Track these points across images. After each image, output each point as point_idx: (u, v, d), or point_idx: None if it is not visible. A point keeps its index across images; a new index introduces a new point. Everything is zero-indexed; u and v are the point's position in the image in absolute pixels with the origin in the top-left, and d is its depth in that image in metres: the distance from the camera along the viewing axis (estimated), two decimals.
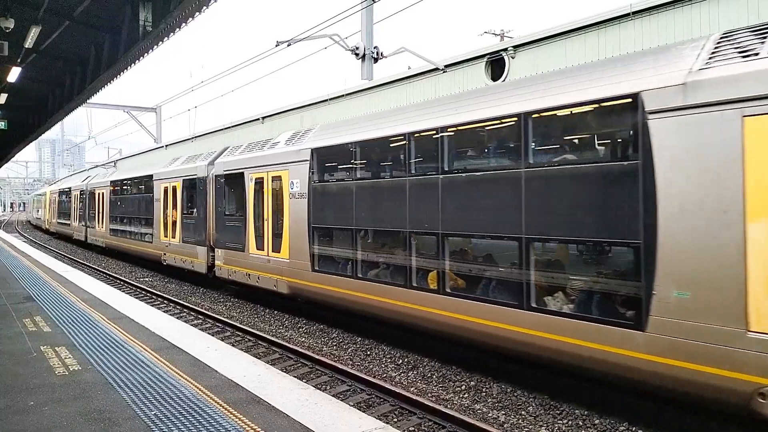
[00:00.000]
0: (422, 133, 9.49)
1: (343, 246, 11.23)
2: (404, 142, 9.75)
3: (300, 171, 12.29)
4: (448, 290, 8.88)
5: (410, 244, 9.54)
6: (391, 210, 10.00)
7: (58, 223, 40.72)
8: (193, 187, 17.91)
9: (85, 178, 34.78)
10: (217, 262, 16.08)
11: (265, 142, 14.62)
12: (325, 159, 11.98)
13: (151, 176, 21.48)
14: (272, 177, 13.41)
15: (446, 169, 8.98)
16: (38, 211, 55.90)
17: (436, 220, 9.00)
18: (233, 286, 16.71)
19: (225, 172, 15.57)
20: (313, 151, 12.01)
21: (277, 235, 13.16)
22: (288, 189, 12.71)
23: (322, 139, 12.08)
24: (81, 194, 32.80)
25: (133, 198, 23.72)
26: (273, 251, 13.31)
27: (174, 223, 19.15)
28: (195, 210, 17.67)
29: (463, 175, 8.84)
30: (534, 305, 7.55)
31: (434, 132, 9.15)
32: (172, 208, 19.30)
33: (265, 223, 13.64)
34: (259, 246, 13.90)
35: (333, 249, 11.75)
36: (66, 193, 38.02)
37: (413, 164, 9.66)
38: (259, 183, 13.97)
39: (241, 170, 14.77)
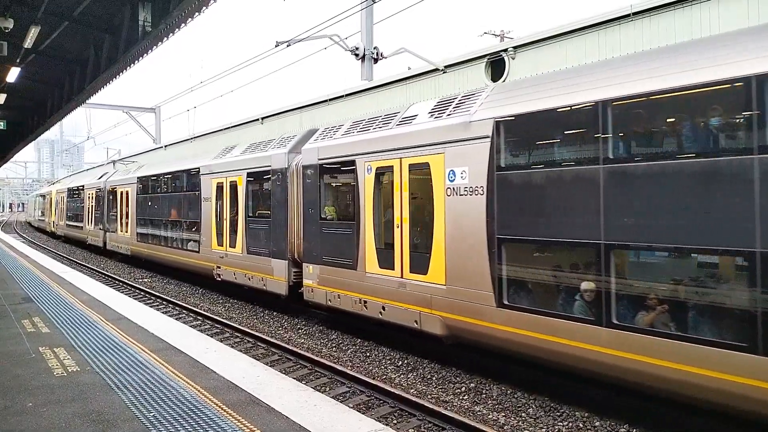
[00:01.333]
0: None
1: (574, 271, 7.41)
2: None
3: (468, 154, 8.49)
4: None
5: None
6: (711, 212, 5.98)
7: (68, 226, 36.62)
8: (263, 182, 14.22)
9: (102, 175, 30.21)
10: (306, 282, 12.20)
11: (388, 117, 10.77)
12: (529, 133, 8.11)
13: (197, 170, 17.55)
14: (410, 165, 9.67)
15: None
16: (41, 212, 52.07)
17: None
18: (321, 311, 13.04)
19: (321, 162, 11.81)
20: (500, 123, 8.05)
21: (420, 249, 9.54)
22: (442, 182, 8.91)
23: (519, 103, 7.99)
24: (97, 193, 28.80)
25: (170, 197, 19.88)
26: (412, 271, 9.55)
27: (233, 228, 15.35)
28: (268, 212, 13.88)
29: None
30: None
31: None
32: (230, 209, 15.50)
33: (397, 230, 9.89)
34: (385, 263, 10.15)
35: (550, 274, 7.91)
36: (77, 192, 34.03)
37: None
38: (383, 174, 10.34)
39: (349, 157, 11.04)
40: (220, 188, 16.14)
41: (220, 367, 6.84)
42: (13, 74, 16.52)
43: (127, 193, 24.11)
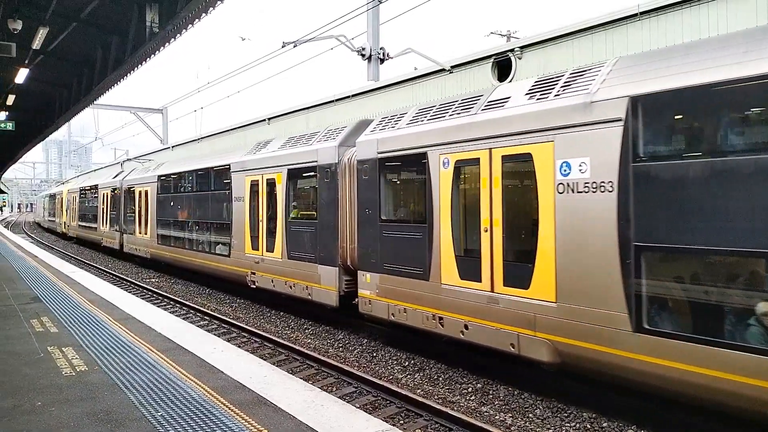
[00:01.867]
0: None
1: (748, 288, 5.84)
2: None
3: (590, 142, 6.95)
4: None
5: None
6: None
7: (80, 227, 34.81)
8: (307, 179, 12.86)
9: (117, 174, 28.54)
10: (362, 292, 10.74)
11: (467, 101, 9.11)
12: (685, 114, 6.46)
13: (227, 167, 15.99)
14: (504, 157, 8.03)
15: None
16: (51, 212, 50.07)
17: None
18: (380, 325, 11.51)
19: (381, 155, 10.30)
20: (638, 102, 6.50)
21: (518, 258, 7.98)
22: (551, 176, 7.37)
23: (668, 76, 6.36)
24: (113, 193, 27.07)
25: (196, 196, 18.39)
26: (507, 284, 7.96)
27: (270, 230, 13.87)
28: (314, 212, 12.42)
29: None
30: None
31: None
32: (267, 210, 14.03)
33: (484, 235, 8.27)
34: (469, 273, 8.57)
35: (710, 292, 6.14)
36: (90, 191, 32.20)
37: None
38: (465, 168, 8.80)
39: (418, 149, 9.46)
40: (254, 186, 14.55)
41: (227, 366, 6.85)
42: (21, 75, 16.65)
43: (146, 193, 22.49)
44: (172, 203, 20.11)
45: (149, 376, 6.45)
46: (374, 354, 10.51)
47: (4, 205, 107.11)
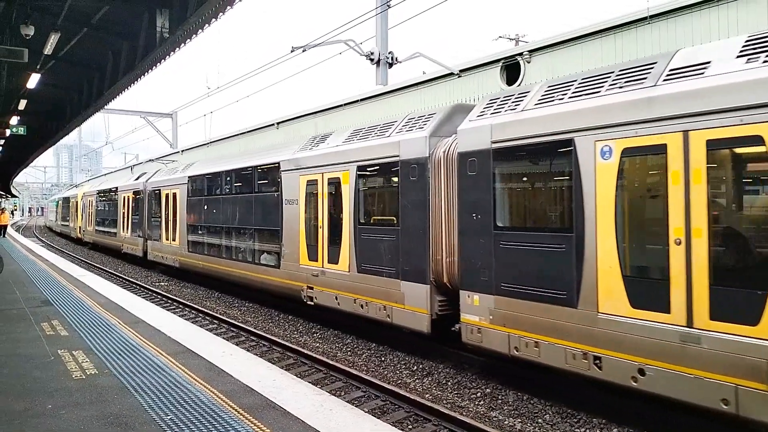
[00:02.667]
0: None
1: None
2: None
3: None
4: None
5: None
6: None
7: (98, 232, 32.93)
8: (385, 176, 10.93)
9: (140, 176, 26.75)
10: (467, 317, 8.71)
11: (629, 72, 7.14)
12: None
13: (275, 165, 14.14)
14: (710, 142, 6.05)
15: None
16: (65, 216, 47.89)
17: None
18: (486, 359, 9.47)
19: (497, 146, 8.24)
20: None
21: (731, 280, 5.94)
22: None
23: None
24: (135, 196, 25.27)
25: (235, 199, 16.40)
26: (718, 318, 5.94)
27: (334, 238, 11.89)
28: (394, 217, 10.42)
29: None
30: None
31: None
32: (329, 214, 12.10)
33: (676, 249, 6.25)
34: (645, 299, 6.56)
35: None
36: (109, 194, 30.27)
37: None
38: (638, 158, 6.78)
39: (559, 136, 7.41)
40: (312, 187, 12.64)
41: (236, 370, 6.86)
42: (33, 80, 16.78)
43: (174, 196, 20.58)
44: (206, 207, 18.12)
45: (159, 380, 6.47)
46: (382, 358, 10.50)
47: (15, 209, 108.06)
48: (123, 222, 27.18)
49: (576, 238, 7.20)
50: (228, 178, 16.90)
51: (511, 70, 13.62)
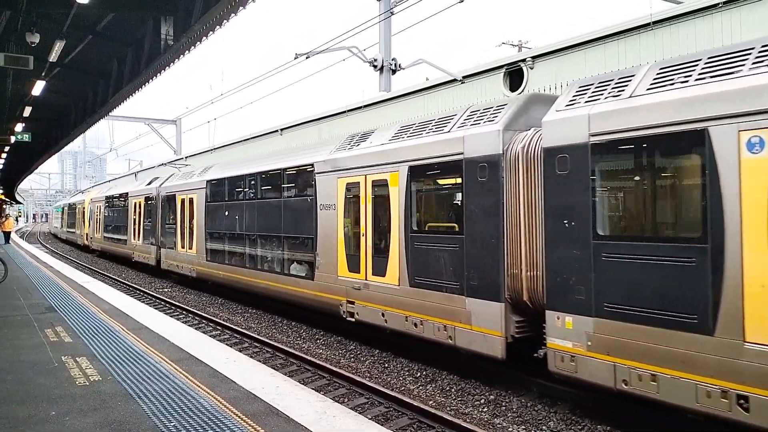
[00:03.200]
0: None
1: None
2: None
3: None
4: None
5: None
6: None
7: (106, 239, 31.68)
8: (442, 177, 9.82)
9: (152, 181, 25.52)
10: (555, 343, 7.41)
11: None
12: None
13: (309, 167, 12.86)
14: None
15: None
16: (71, 223, 46.66)
17: None
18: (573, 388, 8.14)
19: (598, 139, 7.00)
20: None
21: None
22: None
23: None
24: (147, 201, 24.10)
25: (262, 204, 15.15)
26: None
27: (379, 246, 10.71)
28: (456, 224, 9.20)
29: None
30: None
31: None
32: (374, 220, 10.92)
33: None
34: None
35: None
36: (119, 200, 29.19)
37: None
38: None
39: (684, 126, 6.28)
40: (352, 190, 11.43)
41: (239, 377, 6.86)
42: (38, 88, 16.90)
43: (191, 201, 19.31)
44: (227, 213, 16.84)
45: (162, 386, 6.46)
46: (386, 365, 10.47)
47: (20, 216, 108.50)
48: (134, 229, 25.96)
49: (712, 249, 5.89)
50: (252, 182, 15.60)
51: (515, 76, 13.65)
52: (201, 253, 18.45)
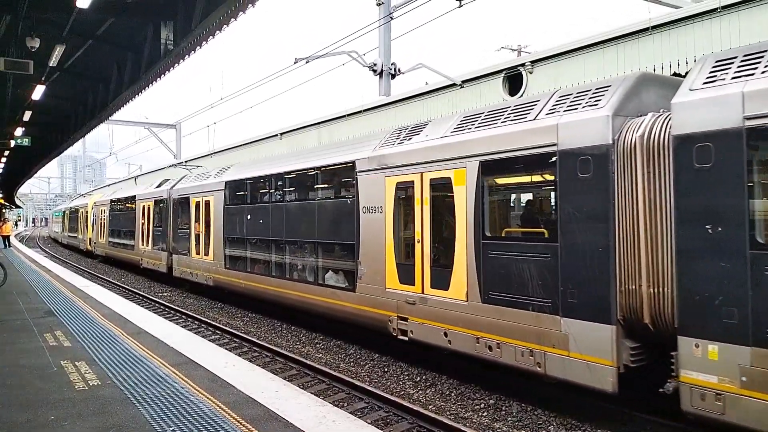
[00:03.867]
0: None
1: None
2: None
3: None
4: None
5: None
6: None
7: (111, 244, 30.33)
8: (526, 174, 8.32)
9: (161, 183, 24.28)
10: (693, 377, 6.11)
11: None
12: None
13: (349, 165, 11.49)
14: None
15: None
16: (72, 227, 44.86)
17: None
18: None
19: (758, 123, 5.73)
20: None
21: None
22: None
23: None
24: (157, 205, 22.90)
25: (291, 207, 13.72)
26: None
27: (440, 255, 9.33)
28: (545, 229, 7.90)
29: None
30: None
31: None
32: (433, 225, 9.44)
33: None
34: None
35: None
36: (125, 204, 27.91)
37: None
38: None
39: None
40: (404, 190, 10.12)
41: (239, 381, 6.85)
42: (38, 92, 16.92)
43: (207, 204, 18.01)
44: (249, 216, 15.54)
45: (161, 391, 6.45)
46: (386, 369, 10.46)
47: (19, 220, 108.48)
48: (142, 234, 24.55)
49: None
50: (279, 183, 14.21)
51: (514, 80, 13.68)
52: (219, 259, 17.10)
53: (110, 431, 5.24)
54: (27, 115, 20.82)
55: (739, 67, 6.14)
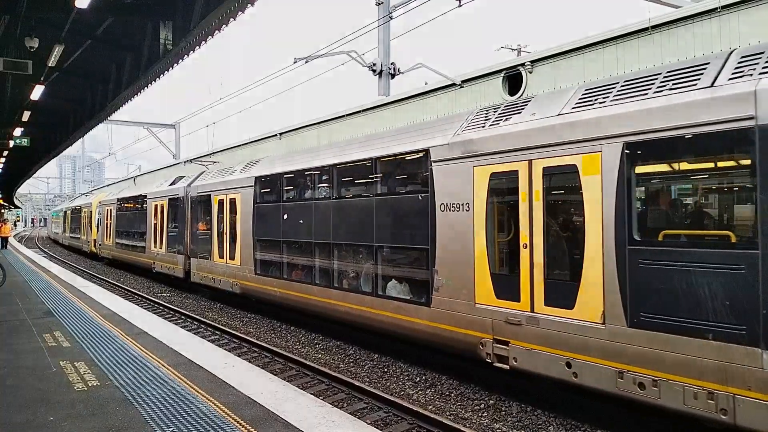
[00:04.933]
0: None
1: None
2: None
3: None
4: None
5: None
6: None
7: (119, 246, 28.35)
8: (701, 161, 6.40)
9: (176, 180, 22.30)
10: None
11: None
12: None
13: (419, 156, 9.87)
14: None
15: None
16: (74, 228, 42.64)
17: None
18: None
19: None
20: None
21: None
22: None
23: None
24: (172, 204, 20.93)
25: (342, 206, 11.84)
26: None
27: (562, 264, 7.58)
28: (738, 234, 5.94)
29: None
30: None
31: None
32: (547, 225, 7.63)
33: None
34: None
35: None
36: (135, 203, 25.96)
37: None
38: None
39: None
40: (502, 182, 8.27)
41: (238, 382, 6.84)
42: (37, 92, 16.90)
43: (232, 202, 16.25)
44: (286, 216, 13.59)
45: (161, 392, 6.44)
46: (385, 369, 10.45)
47: (18, 220, 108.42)
48: (155, 235, 22.66)
49: None
50: (325, 177, 12.40)
51: (513, 80, 13.66)
52: (248, 264, 15.21)
53: None
54: (26, 116, 20.79)
55: None
